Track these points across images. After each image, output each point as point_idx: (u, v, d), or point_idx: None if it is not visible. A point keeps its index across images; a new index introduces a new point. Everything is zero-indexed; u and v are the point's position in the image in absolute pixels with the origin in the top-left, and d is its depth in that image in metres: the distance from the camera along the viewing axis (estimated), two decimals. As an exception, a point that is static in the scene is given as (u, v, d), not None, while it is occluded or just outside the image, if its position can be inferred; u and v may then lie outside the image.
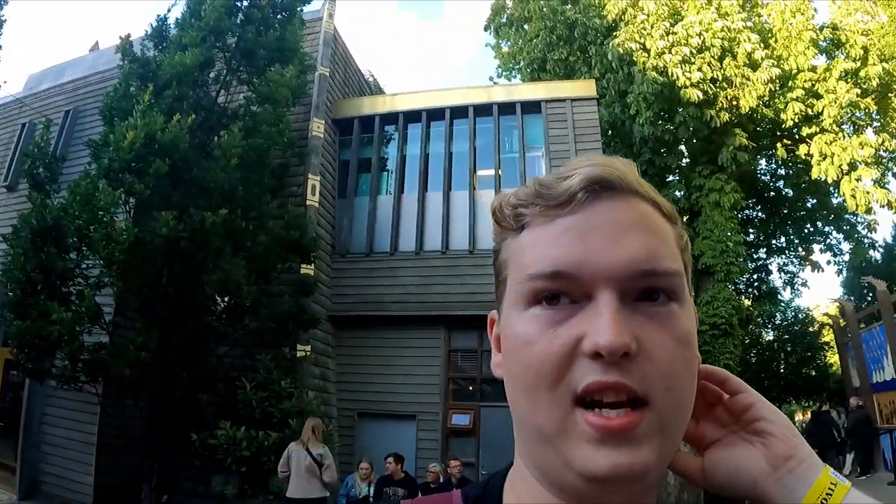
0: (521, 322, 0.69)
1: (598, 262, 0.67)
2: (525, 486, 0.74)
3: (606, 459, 0.63)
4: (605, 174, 0.70)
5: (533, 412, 0.67)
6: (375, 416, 12.87)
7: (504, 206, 0.76)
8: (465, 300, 13.05)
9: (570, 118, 14.14)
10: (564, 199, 0.69)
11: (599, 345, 0.63)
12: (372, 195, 14.36)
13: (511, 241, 0.75)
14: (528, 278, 0.69)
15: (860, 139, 16.51)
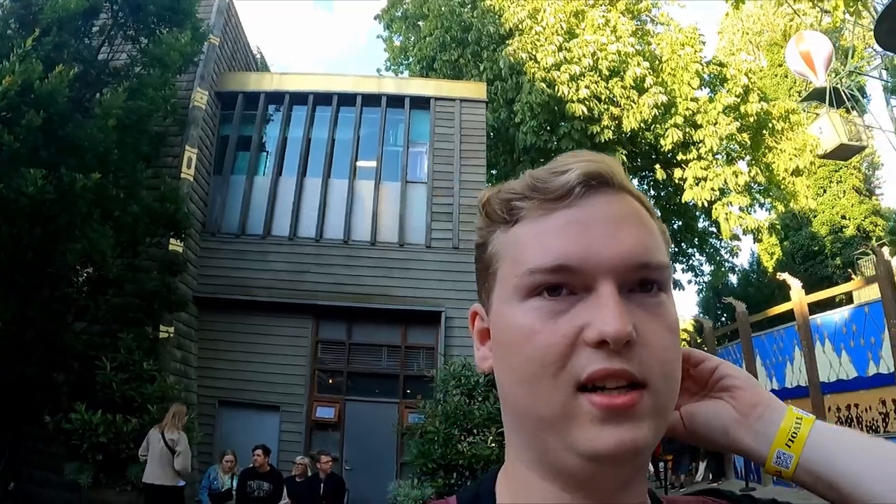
0: (520, 314, 0.71)
1: (598, 255, 0.69)
2: (519, 479, 0.76)
3: (611, 436, 0.66)
4: (600, 169, 0.73)
5: (534, 400, 0.69)
6: (237, 406, 12.64)
7: (494, 199, 0.78)
8: (335, 290, 13.04)
9: (458, 118, 14.34)
10: (563, 193, 0.72)
11: (606, 333, 0.66)
12: (249, 175, 14.11)
13: (502, 235, 0.76)
14: (528, 272, 0.71)
15: (733, 169, 17.56)
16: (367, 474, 12.04)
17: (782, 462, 0.81)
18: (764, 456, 0.82)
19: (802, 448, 0.80)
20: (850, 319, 15.97)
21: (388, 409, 12.74)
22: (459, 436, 9.73)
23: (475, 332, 0.83)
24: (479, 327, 0.82)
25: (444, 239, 13.57)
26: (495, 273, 0.76)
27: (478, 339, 0.82)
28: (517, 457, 0.76)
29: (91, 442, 9.19)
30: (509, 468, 0.79)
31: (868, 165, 34.74)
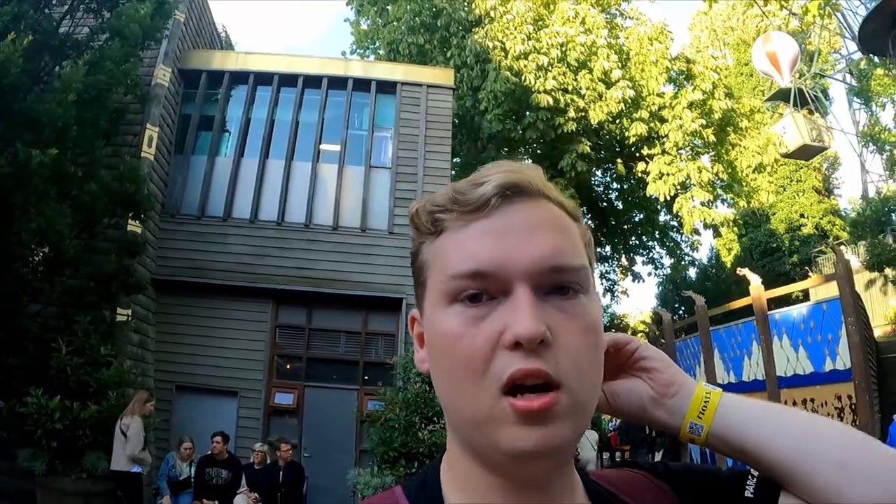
0: (445, 320, 0.76)
1: (513, 261, 0.74)
2: (461, 468, 0.81)
3: (530, 437, 0.71)
4: (515, 179, 0.77)
5: (463, 402, 0.75)
6: (195, 391, 12.46)
7: (421, 211, 0.82)
8: (296, 275, 12.95)
9: (424, 104, 14.28)
10: (480, 204, 0.76)
11: (519, 334, 0.70)
12: (210, 155, 13.90)
13: (429, 245, 0.81)
14: (449, 278, 0.76)
15: (697, 164, 17.71)
16: (326, 462, 12.00)
17: (694, 431, 0.92)
18: (678, 427, 0.92)
19: (712, 418, 0.90)
20: (808, 316, 16.22)
21: (347, 396, 12.69)
22: (420, 423, 9.72)
23: (415, 335, 0.87)
24: (418, 331, 0.86)
25: (406, 225, 12.99)
26: (425, 281, 0.81)
27: (417, 342, 0.87)
28: (457, 447, 0.82)
29: (46, 428, 8.91)
30: (451, 457, 0.84)
31: (828, 166, 35.31)
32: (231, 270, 12.90)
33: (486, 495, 0.79)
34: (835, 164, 36.21)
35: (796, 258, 29.84)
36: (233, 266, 12.94)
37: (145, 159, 12.28)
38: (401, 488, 0.86)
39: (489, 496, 0.79)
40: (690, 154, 18.44)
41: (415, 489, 0.85)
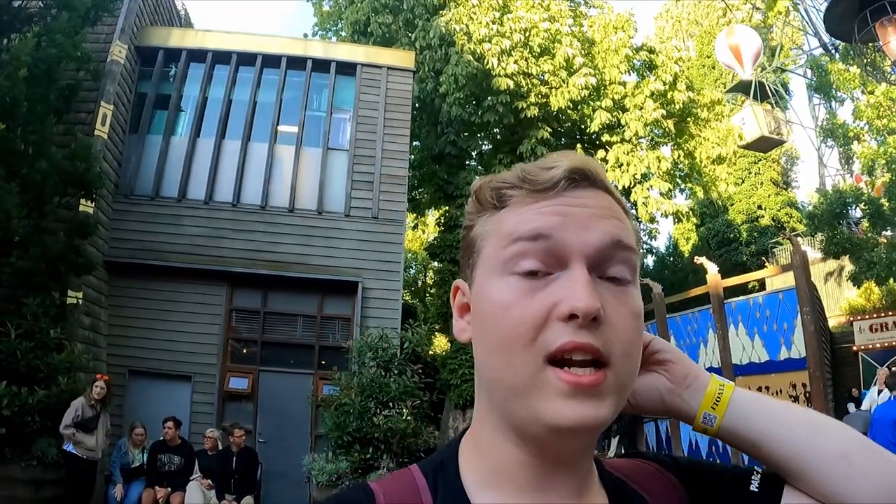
0: (500, 288, 0.79)
1: (574, 236, 0.77)
2: (485, 441, 0.84)
3: (573, 412, 0.74)
4: (583, 166, 0.81)
5: (505, 369, 0.77)
6: (148, 375, 12.25)
7: (485, 187, 0.86)
8: (251, 258, 12.85)
9: (384, 86, 14.19)
10: (549, 185, 0.80)
11: (576, 307, 0.73)
12: (166, 135, 13.64)
13: (489, 218, 0.84)
14: (510, 240, 0.79)
15: (657, 154, 17.84)
16: (280, 447, 11.92)
17: (707, 422, 0.94)
18: (692, 417, 0.95)
19: (725, 410, 0.93)
20: (764, 305, 16.45)
21: (302, 381, 12.60)
22: (375, 409, 9.70)
23: (456, 305, 0.90)
24: (460, 301, 0.89)
25: (363, 208, 13.41)
26: (479, 251, 0.84)
27: (458, 312, 0.90)
28: (485, 420, 0.84)
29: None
30: (476, 431, 0.87)
31: (787, 159, 35.78)
32: (185, 252, 12.71)
33: (514, 473, 0.81)
34: (793, 157, 36.70)
35: (753, 248, 30.23)
36: (187, 248, 12.76)
37: (99, 137, 12.00)
38: (417, 466, 0.88)
39: (517, 474, 0.81)
40: (650, 144, 18.57)
41: (431, 468, 0.87)
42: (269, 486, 10.94)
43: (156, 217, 12.96)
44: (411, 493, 0.84)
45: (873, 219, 13.19)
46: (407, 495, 0.84)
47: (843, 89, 16.32)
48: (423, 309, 25.36)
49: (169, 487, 9.48)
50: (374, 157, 13.70)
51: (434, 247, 18.49)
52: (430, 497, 0.84)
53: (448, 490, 0.84)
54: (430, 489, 0.84)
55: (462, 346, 15.13)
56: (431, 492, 0.84)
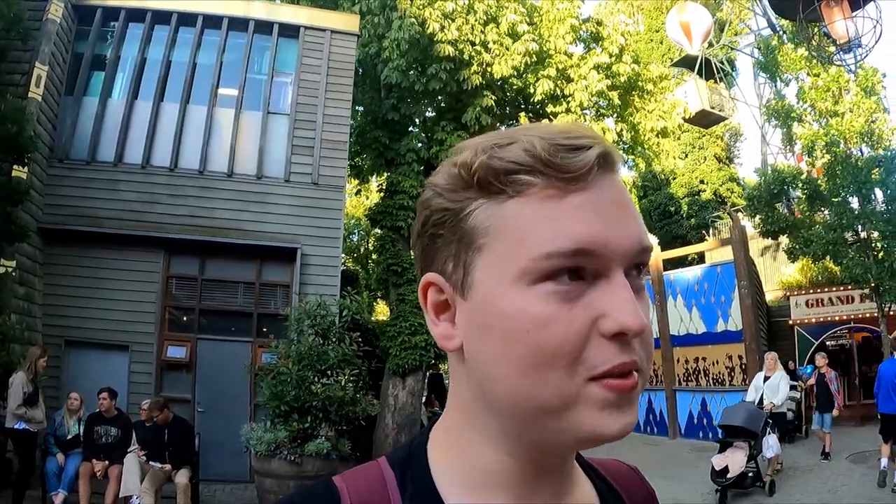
0: (529, 300, 0.67)
1: (613, 242, 0.68)
2: (465, 448, 0.76)
3: (617, 422, 0.68)
4: (612, 151, 0.71)
5: (538, 390, 0.67)
6: (85, 345, 11.93)
7: (486, 164, 0.70)
8: (188, 223, 12.57)
9: (327, 50, 13.95)
10: (582, 174, 0.68)
11: (628, 326, 0.66)
12: (102, 97, 13.16)
13: (493, 206, 0.70)
14: (544, 256, 0.67)
15: (601, 125, 17.86)
16: (219, 416, 11.74)
17: None
18: None
19: None
20: (702, 278, 16.69)
21: (241, 349, 12.43)
22: (313, 377, 9.58)
23: (430, 304, 0.77)
24: (436, 300, 0.76)
25: (303, 174, 13.20)
26: (481, 249, 0.71)
27: (433, 311, 0.77)
28: (470, 425, 0.76)
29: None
30: (453, 431, 0.79)
31: (730, 136, 36.31)
32: (121, 219, 12.34)
33: (498, 477, 0.75)
34: (737, 134, 37.25)
35: (694, 222, 30.77)
36: (123, 214, 12.39)
37: (32, 100, 11.56)
38: (385, 459, 0.81)
39: (501, 478, 0.75)
40: (595, 115, 18.58)
41: (399, 462, 0.80)
42: (207, 456, 10.74)
43: (91, 182, 12.56)
44: (379, 490, 0.77)
45: (811, 199, 13.37)
46: (375, 492, 0.77)
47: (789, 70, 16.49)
48: (365, 276, 25.25)
49: (106, 460, 9.25)
50: (315, 122, 13.46)
51: (375, 213, 18.27)
52: (398, 493, 0.76)
53: (419, 490, 0.76)
54: (398, 485, 0.77)
55: (402, 314, 15.05)
56: (399, 488, 0.77)
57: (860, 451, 12.90)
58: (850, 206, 12.80)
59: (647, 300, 0.73)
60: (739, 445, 10.31)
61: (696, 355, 16.42)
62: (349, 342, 10.06)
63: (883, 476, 10.45)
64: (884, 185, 12.34)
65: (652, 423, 17.49)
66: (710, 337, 15.97)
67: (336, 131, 13.49)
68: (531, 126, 0.73)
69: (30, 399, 8.75)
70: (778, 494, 10.49)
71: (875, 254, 12.25)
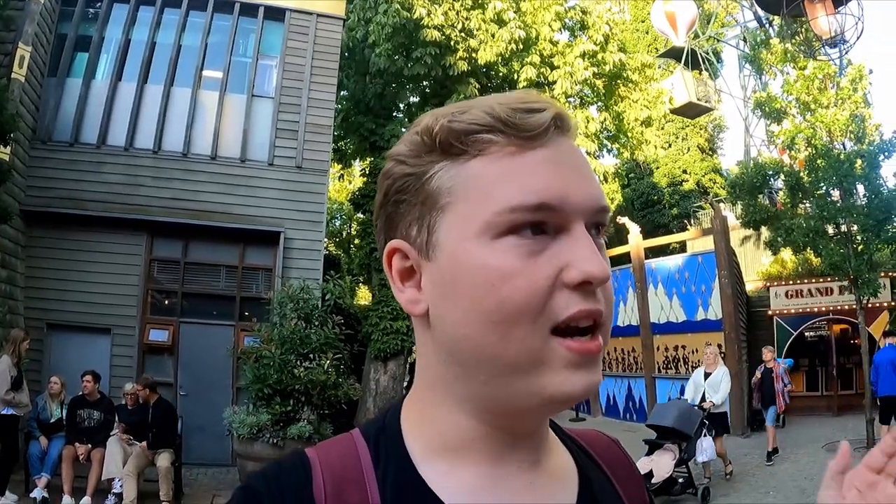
0: (493, 254, 0.69)
1: (574, 197, 0.70)
2: (434, 415, 0.77)
3: (582, 380, 0.69)
4: (565, 114, 0.74)
5: (503, 346, 0.69)
6: (67, 329, 11.88)
7: (446, 128, 0.72)
8: (172, 206, 12.51)
9: (313, 33, 13.87)
10: (539, 132, 0.71)
11: (592, 273, 0.68)
12: (86, 78, 13.04)
13: (454, 168, 0.72)
14: (508, 210, 0.68)
15: (585, 114, 17.88)
16: (202, 400, 11.76)
17: None
18: None
19: None
20: (683, 267, 16.79)
21: (224, 332, 12.41)
22: (295, 361, 9.60)
23: (395, 271, 0.77)
24: (401, 266, 0.77)
25: (287, 157, 13.15)
26: (444, 208, 0.72)
27: (398, 278, 0.77)
28: (438, 391, 0.77)
29: None
30: (419, 403, 0.80)
31: (714, 127, 36.43)
32: (104, 201, 12.26)
33: (470, 444, 0.76)
34: (721, 125, 37.38)
35: (676, 211, 30.91)
36: (106, 196, 12.31)
37: (15, 80, 11.44)
38: (358, 431, 0.82)
39: (473, 445, 0.76)
40: (579, 103, 18.60)
41: (373, 434, 0.80)
42: (190, 439, 10.72)
43: (74, 164, 12.46)
44: (352, 461, 0.77)
45: (793, 190, 13.44)
46: (348, 463, 0.77)
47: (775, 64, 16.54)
48: (347, 260, 25.24)
49: (89, 444, 9.27)
50: (299, 106, 13.40)
51: (358, 197, 18.24)
52: (370, 465, 0.77)
53: (392, 459, 0.77)
54: (371, 457, 0.77)
55: (384, 299, 15.06)
56: (373, 459, 0.77)
57: (836, 440, 13.05)
58: (831, 199, 12.87)
59: (608, 260, 0.74)
60: (668, 448, 9.59)
61: (675, 343, 16.53)
62: (331, 326, 10.06)
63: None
64: (866, 178, 12.41)
65: (631, 410, 17.61)
66: (690, 325, 16.08)
67: (320, 115, 13.46)
68: (487, 96, 0.75)
69: (15, 383, 8.72)
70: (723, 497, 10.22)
71: (855, 246, 12.33)
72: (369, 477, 0.75)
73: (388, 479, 0.75)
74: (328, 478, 0.75)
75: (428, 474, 0.75)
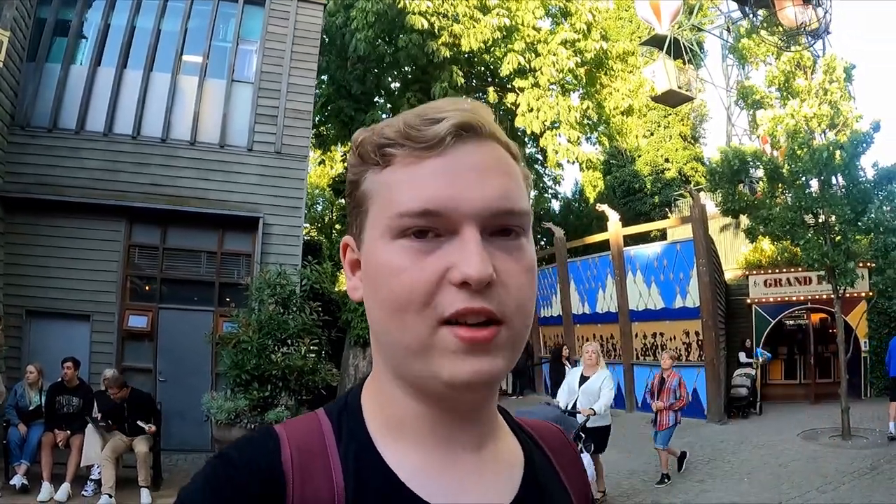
0: (390, 252, 0.78)
1: (464, 202, 0.76)
2: (384, 392, 0.85)
3: (470, 367, 0.75)
4: (470, 120, 0.79)
5: (400, 332, 0.77)
6: (46, 315, 11.79)
7: (367, 141, 0.83)
8: (151, 192, 12.43)
9: (293, 18, 13.75)
10: (434, 143, 0.77)
11: (469, 275, 0.73)
12: (65, 63, 12.91)
13: (373, 175, 0.82)
14: (398, 215, 0.77)
15: (567, 102, 17.88)
16: (181, 386, 11.72)
17: None
18: None
19: None
20: (662, 254, 16.85)
21: (203, 318, 12.36)
22: (273, 346, 9.57)
23: (346, 262, 0.89)
24: (351, 258, 0.88)
25: (266, 143, 13.08)
26: (367, 211, 0.82)
27: (349, 269, 0.89)
28: (382, 372, 0.86)
29: None
30: (375, 382, 0.88)
31: (696, 116, 36.48)
32: (83, 187, 12.16)
33: (414, 424, 0.83)
34: (703, 114, 37.45)
35: (657, 199, 31.02)
36: (85, 182, 12.21)
37: (-6, 66, 11.35)
38: (322, 410, 0.89)
39: (418, 425, 0.83)
40: (561, 91, 18.60)
41: (336, 412, 0.87)
42: (169, 425, 10.71)
43: (53, 150, 12.33)
44: (316, 437, 0.84)
45: (772, 179, 13.49)
46: (312, 438, 0.83)
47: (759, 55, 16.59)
48: (328, 246, 25.22)
49: (68, 430, 9.29)
50: (279, 91, 13.31)
51: (338, 183, 18.23)
52: (333, 441, 0.83)
53: (353, 435, 0.84)
54: (334, 433, 0.84)
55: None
56: (335, 435, 0.84)
57: (813, 428, 13.20)
58: (810, 190, 12.93)
59: (527, 262, 0.80)
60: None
61: (653, 330, 16.63)
62: (309, 312, 10.05)
63: (891, 438, 11.76)
64: (846, 168, 12.47)
65: (610, 396, 17.76)
66: (668, 313, 16.16)
67: (300, 101, 13.38)
68: (412, 109, 0.83)
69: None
70: (698, 483, 10.22)
71: (832, 237, 12.41)
72: (332, 451, 0.82)
73: (349, 454, 0.82)
74: (294, 450, 0.81)
75: (384, 452, 0.82)
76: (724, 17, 30.89)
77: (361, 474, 0.80)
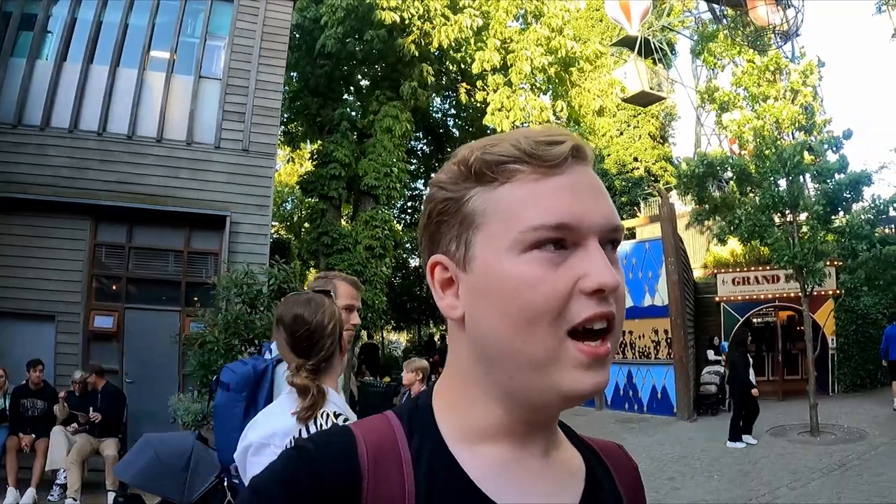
0: (520, 264, 0.80)
1: (587, 217, 0.81)
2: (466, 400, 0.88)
3: (591, 380, 0.80)
4: (583, 145, 0.86)
5: (527, 344, 0.80)
6: (10, 316, 11.48)
7: (480, 158, 0.84)
8: (117, 189, 12.20)
9: (262, 14, 13.62)
10: (558, 161, 0.82)
11: (605, 283, 0.78)
12: (30, 58, 12.63)
13: (486, 192, 0.84)
14: (531, 228, 0.80)
15: (539, 103, 17.87)
16: (148, 387, 11.53)
17: None
18: None
19: None
20: (630, 253, 16.88)
21: (170, 318, 12.20)
22: (240, 346, 9.41)
23: (437, 281, 0.89)
24: (442, 277, 0.89)
25: (234, 140, 12.91)
26: (480, 227, 0.84)
27: (440, 287, 0.89)
28: (470, 381, 0.88)
29: None
30: (451, 389, 0.91)
31: (666, 116, 36.71)
32: (48, 184, 11.90)
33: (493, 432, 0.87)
34: (672, 114, 37.68)
35: (626, 199, 31.16)
36: (50, 179, 11.95)
37: (-43, 60, 11.08)
38: (392, 413, 0.92)
39: (496, 433, 0.87)
40: (531, 90, 18.59)
41: (407, 417, 0.90)
42: (136, 426, 10.51)
43: (17, 147, 12.05)
44: (388, 436, 0.87)
45: (740, 181, 13.55)
46: (385, 437, 0.87)
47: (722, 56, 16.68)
48: (297, 244, 25.09)
49: (33, 434, 9.19)
50: (247, 88, 13.15)
51: (306, 182, 18.03)
52: (405, 440, 0.87)
53: (425, 437, 0.87)
54: (406, 434, 0.87)
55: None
56: (407, 436, 0.87)
57: (780, 424, 13.25)
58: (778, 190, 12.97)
59: (622, 271, 0.85)
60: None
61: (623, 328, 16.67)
62: (276, 311, 9.91)
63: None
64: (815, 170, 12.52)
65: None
66: (637, 311, 16.18)
67: (268, 97, 13.25)
68: (515, 130, 0.88)
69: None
70: (668, 481, 10.40)
71: (800, 236, 12.45)
72: (404, 450, 0.86)
73: (422, 454, 0.85)
74: (370, 447, 0.84)
75: (456, 452, 0.86)
76: (694, 17, 31.10)
77: (433, 472, 0.84)
